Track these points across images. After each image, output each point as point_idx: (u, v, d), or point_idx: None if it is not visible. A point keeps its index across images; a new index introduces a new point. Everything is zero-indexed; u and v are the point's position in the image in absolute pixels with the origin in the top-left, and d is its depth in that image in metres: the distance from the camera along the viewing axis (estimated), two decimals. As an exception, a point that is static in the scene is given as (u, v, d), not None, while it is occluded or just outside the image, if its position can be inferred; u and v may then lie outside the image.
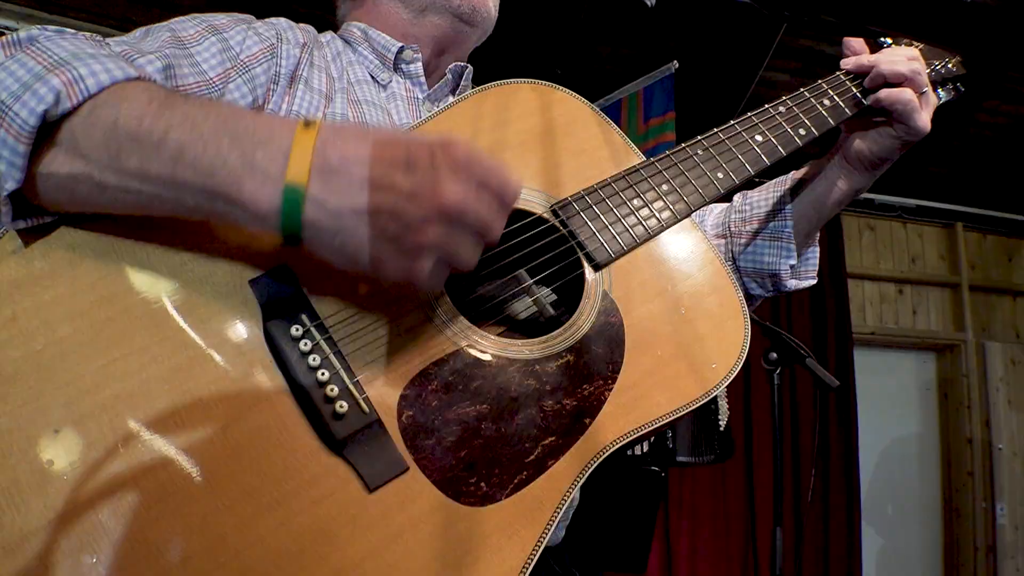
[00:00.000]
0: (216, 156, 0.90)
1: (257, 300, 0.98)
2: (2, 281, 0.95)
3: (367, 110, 1.40)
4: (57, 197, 0.96)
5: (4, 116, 0.90)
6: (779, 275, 1.59)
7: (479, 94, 1.27)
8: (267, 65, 1.32)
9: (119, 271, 0.98)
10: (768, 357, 3.00)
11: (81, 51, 0.97)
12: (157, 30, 1.25)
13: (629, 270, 1.19)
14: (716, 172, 1.29)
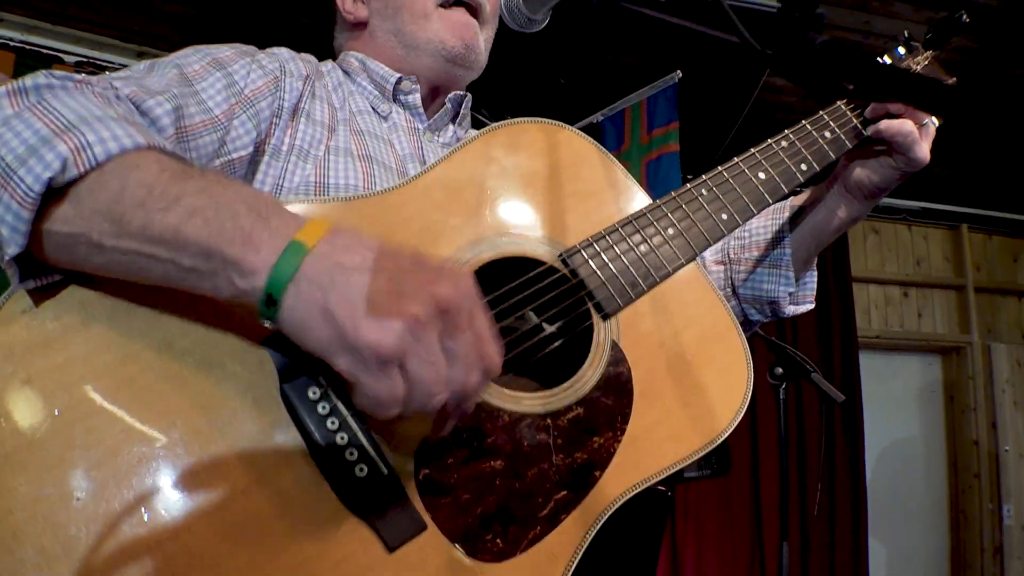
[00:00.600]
0: (229, 218, 0.88)
1: (272, 361, 0.98)
2: (15, 343, 0.94)
3: (370, 142, 1.41)
4: (58, 256, 0.95)
5: (9, 180, 0.89)
6: (778, 302, 1.61)
7: (486, 136, 1.27)
8: (271, 99, 1.33)
9: (132, 330, 0.97)
10: (774, 372, 3.01)
11: (89, 113, 0.95)
12: (163, 66, 1.25)
13: (636, 318, 1.20)
14: (720, 213, 1.31)
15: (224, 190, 0.92)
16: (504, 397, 1.07)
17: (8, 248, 0.91)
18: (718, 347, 1.23)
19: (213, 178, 0.95)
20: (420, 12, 1.52)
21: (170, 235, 0.88)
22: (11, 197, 0.89)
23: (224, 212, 0.88)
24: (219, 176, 0.97)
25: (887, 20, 6.30)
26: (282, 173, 1.31)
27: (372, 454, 0.97)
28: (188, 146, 1.19)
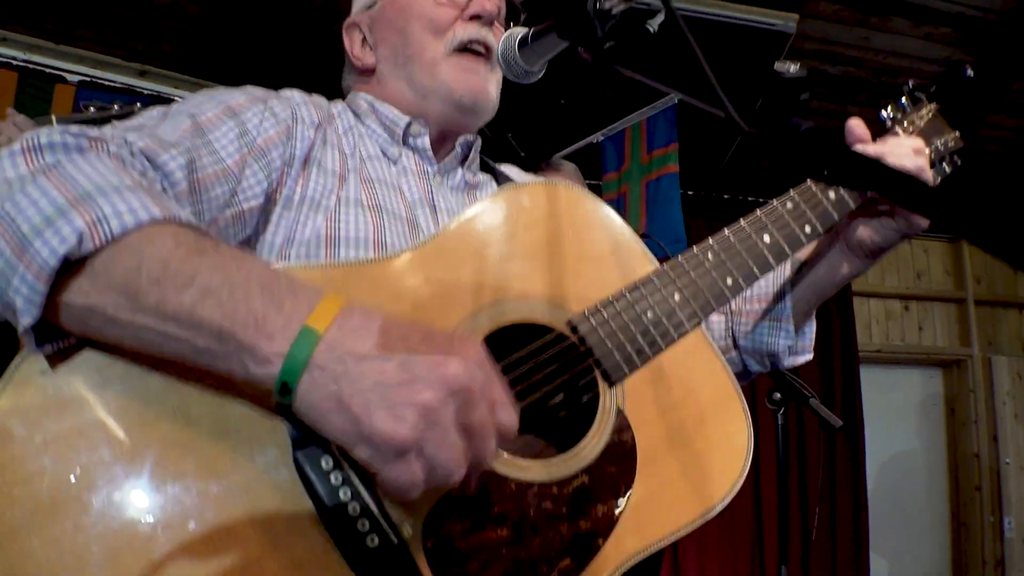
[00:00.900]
0: (242, 301, 0.89)
1: (285, 428, 0.98)
2: (31, 406, 0.95)
3: (380, 190, 1.43)
4: (72, 325, 0.95)
5: (25, 251, 0.90)
6: (777, 355, 1.62)
7: (492, 200, 1.29)
8: (283, 149, 1.34)
9: (148, 395, 0.98)
10: (772, 397, 3.03)
11: (106, 182, 0.96)
12: (177, 114, 1.26)
13: (641, 385, 1.22)
14: (726, 279, 1.32)
15: (238, 269, 0.93)
16: (511, 465, 1.09)
17: (23, 318, 0.91)
18: (721, 414, 1.25)
19: (228, 254, 0.96)
20: (429, 61, 1.54)
21: (185, 315, 0.90)
22: (27, 269, 0.89)
23: (238, 293, 0.90)
24: (234, 252, 0.98)
25: (886, 35, 6.33)
26: (294, 224, 1.32)
27: (383, 524, 0.98)
28: (200, 198, 1.20)
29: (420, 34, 1.55)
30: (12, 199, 0.93)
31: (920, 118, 1.68)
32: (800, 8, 5.80)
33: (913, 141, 1.53)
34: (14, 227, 0.91)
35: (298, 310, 0.89)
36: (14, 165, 0.98)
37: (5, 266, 0.91)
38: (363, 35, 1.65)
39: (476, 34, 1.54)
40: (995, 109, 6.99)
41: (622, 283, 1.27)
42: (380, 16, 1.62)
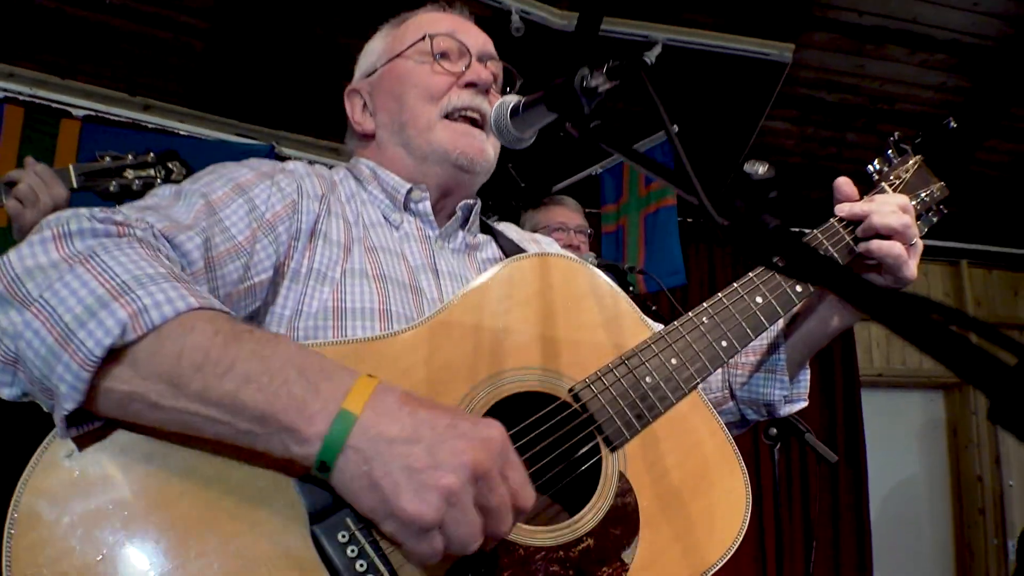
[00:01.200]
0: (282, 385, 0.96)
1: (303, 503, 1.02)
2: (59, 487, 0.98)
3: (383, 259, 1.47)
4: (107, 409, 1.00)
5: (70, 341, 0.94)
6: (773, 405, 1.66)
7: (493, 275, 1.34)
8: (289, 223, 1.40)
9: (170, 474, 1.01)
10: (768, 433, 3.06)
11: (142, 272, 1.01)
12: (189, 194, 1.31)
13: (642, 449, 1.26)
14: (721, 341, 1.36)
15: (274, 353, 0.99)
16: (519, 531, 1.13)
17: (66, 404, 0.96)
18: (718, 473, 1.29)
19: (262, 339, 1.02)
20: (425, 125, 1.60)
21: (228, 400, 0.96)
22: (71, 358, 0.94)
23: (277, 379, 0.96)
24: (267, 336, 1.04)
25: (882, 63, 6.40)
26: (301, 297, 1.37)
27: None
28: (216, 274, 1.25)
29: (416, 101, 1.61)
30: (51, 288, 0.98)
31: (906, 170, 1.72)
32: (795, 38, 5.87)
33: (898, 198, 1.57)
34: (56, 316, 0.96)
35: (335, 393, 0.96)
36: (46, 252, 1.02)
37: (48, 354, 0.95)
38: (364, 101, 1.71)
39: (470, 102, 1.61)
40: (992, 134, 7.05)
41: (618, 350, 1.32)
42: (379, 84, 1.69)
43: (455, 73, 1.62)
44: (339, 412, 0.95)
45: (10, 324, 0.98)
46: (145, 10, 5.36)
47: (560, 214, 3.89)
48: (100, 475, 1.00)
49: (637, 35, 5.62)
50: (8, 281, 1.00)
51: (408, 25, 1.73)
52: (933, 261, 7.87)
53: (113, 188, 2.56)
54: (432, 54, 1.63)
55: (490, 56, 1.71)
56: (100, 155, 2.59)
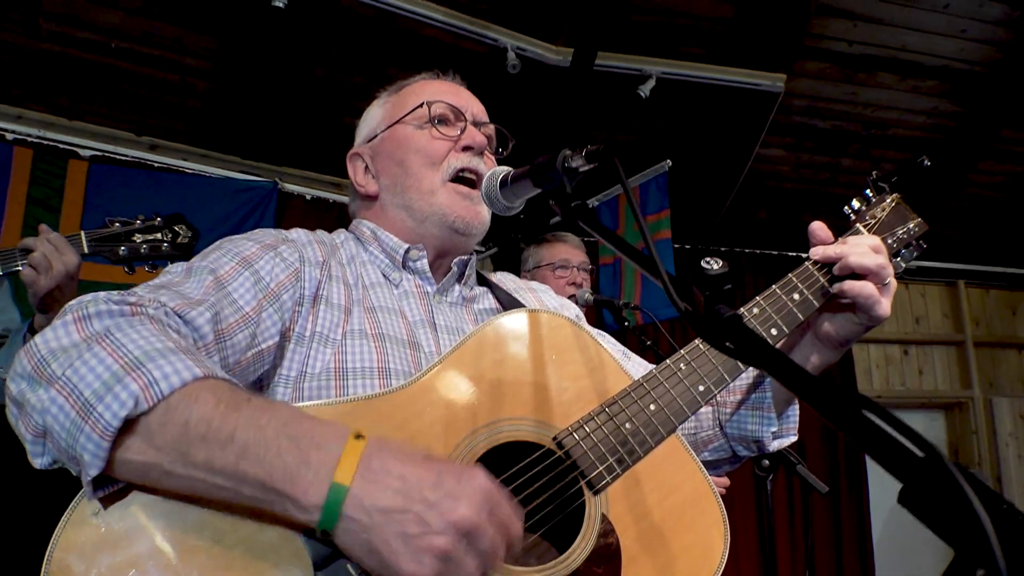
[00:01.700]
0: (276, 456, 1.05)
1: (308, 552, 1.11)
2: (86, 543, 1.09)
3: (382, 318, 1.57)
4: (128, 476, 1.11)
5: (89, 415, 1.05)
6: (762, 441, 1.71)
7: (482, 331, 1.45)
8: (292, 290, 1.50)
9: (187, 529, 1.11)
10: (761, 465, 3.13)
11: (152, 347, 1.12)
12: (199, 271, 1.42)
13: (624, 490, 1.34)
14: (698, 386, 1.45)
15: (268, 422, 1.09)
16: (509, 572, 1.21)
17: (90, 470, 1.07)
18: (697, 512, 1.37)
19: (259, 407, 1.12)
20: (427, 189, 1.71)
21: (230, 470, 1.06)
22: (92, 429, 1.05)
23: (272, 449, 1.06)
24: (264, 405, 1.14)
25: (873, 90, 6.51)
26: (305, 359, 1.47)
27: None
28: (225, 344, 1.36)
29: (418, 166, 1.73)
30: (72, 366, 1.09)
31: (882, 209, 1.77)
32: (787, 68, 5.98)
33: (871, 239, 1.63)
34: (77, 392, 1.07)
35: (325, 463, 1.05)
36: (68, 334, 1.15)
37: (71, 426, 1.06)
38: (365, 164, 1.83)
39: (468, 163, 1.73)
40: (985, 156, 7.15)
41: (601, 398, 1.41)
42: (381, 148, 1.80)
43: (452, 137, 1.74)
44: (331, 486, 1.04)
45: (39, 401, 1.10)
46: (150, 53, 5.49)
47: (563, 251, 3.98)
48: (123, 531, 1.10)
49: (631, 69, 5.73)
50: (36, 362, 1.12)
51: (406, 93, 1.85)
52: (931, 282, 7.95)
53: (122, 252, 2.69)
54: (430, 119, 1.75)
55: (483, 121, 1.83)
56: (110, 221, 2.71)
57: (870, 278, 1.57)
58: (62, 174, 5.39)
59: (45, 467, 1.16)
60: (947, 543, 0.72)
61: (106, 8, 5.23)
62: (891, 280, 1.61)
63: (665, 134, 6.34)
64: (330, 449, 1.07)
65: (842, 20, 6.01)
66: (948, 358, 7.85)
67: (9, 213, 5.17)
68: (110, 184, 5.46)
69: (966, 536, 0.68)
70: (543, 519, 1.29)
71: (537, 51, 5.60)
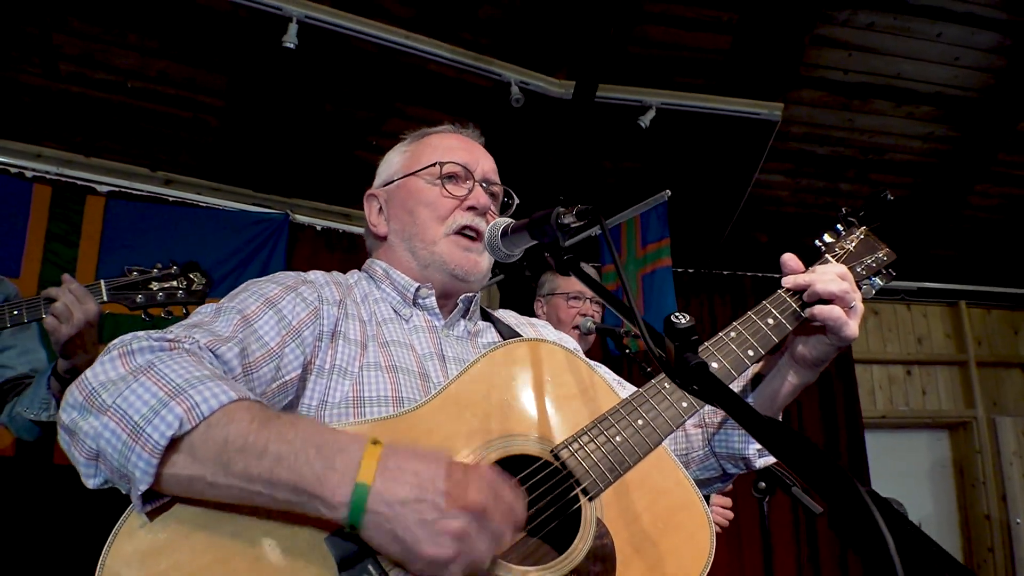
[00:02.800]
0: (305, 463, 1.20)
1: (333, 554, 1.25)
2: (135, 552, 1.23)
3: (395, 351, 1.72)
4: (175, 490, 1.25)
5: (140, 436, 1.20)
6: (748, 458, 1.84)
7: (488, 356, 1.60)
8: (313, 327, 1.65)
9: (224, 537, 1.25)
10: (757, 486, 3.24)
11: (192, 376, 1.27)
12: (227, 311, 1.57)
13: (617, 496, 1.48)
14: (681, 402, 1.58)
15: (296, 434, 1.24)
16: (512, 571, 1.34)
17: (140, 486, 1.21)
18: (684, 515, 1.51)
19: (287, 422, 1.27)
20: (430, 239, 1.88)
21: (266, 477, 1.21)
22: (142, 448, 1.20)
23: (301, 457, 1.21)
24: (291, 420, 1.30)
25: (869, 116, 6.65)
26: (326, 391, 1.62)
27: None
28: (252, 377, 1.51)
29: (425, 219, 1.90)
30: (122, 395, 1.25)
31: (850, 241, 1.90)
32: (784, 97, 6.12)
33: (837, 267, 1.76)
34: (127, 418, 1.22)
35: (348, 466, 1.21)
36: (115, 368, 1.30)
37: (123, 448, 1.21)
38: (380, 206, 2.00)
39: (471, 221, 1.89)
40: (981, 179, 7.27)
41: (593, 415, 1.55)
42: (396, 194, 1.98)
43: (460, 197, 1.90)
44: (355, 487, 1.19)
45: (91, 428, 1.25)
46: (164, 91, 5.67)
47: (578, 284, 4.07)
48: (167, 541, 1.24)
49: (632, 100, 5.88)
50: (88, 393, 1.27)
51: (424, 145, 2.02)
52: (933, 303, 8.04)
53: (140, 300, 2.84)
54: (441, 177, 1.91)
55: (492, 181, 2.00)
56: (128, 270, 2.87)
57: (836, 302, 1.69)
58: (80, 210, 5.55)
59: (97, 487, 1.31)
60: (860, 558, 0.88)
61: (122, 50, 5.42)
62: (857, 304, 1.72)
63: (666, 162, 6.48)
64: (352, 453, 1.22)
65: (837, 50, 6.17)
66: (951, 378, 7.93)
67: (29, 248, 5.33)
68: (126, 219, 5.61)
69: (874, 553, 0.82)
70: (543, 523, 1.42)
71: (540, 84, 5.76)
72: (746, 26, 5.89)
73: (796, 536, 6.64)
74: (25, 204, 5.41)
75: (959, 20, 6.02)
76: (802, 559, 6.54)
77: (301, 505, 1.22)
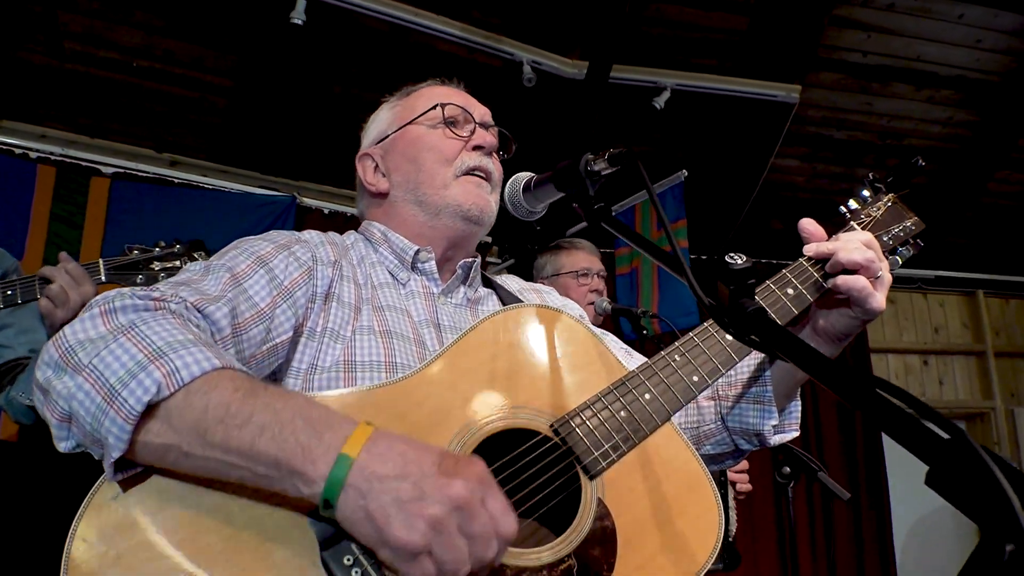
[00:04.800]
0: (292, 434, 1.10)
1: (314, 533, 1.16)
2: (106, 525, 1.14)
3: (389, 316, 1.63)
4: (148, 459, 1.16)
5: (114, 400, 1.11)
6: (763, 434, 1.74)
7: (488, 322, 1.49)
8: (306, 288, 1.56)
9: (201, 511, 1.16)
10: (782, 471, 3.14)
11: (174, 339, 1.18)
12: (217, 268, 1.48)
13: (620, 475, 1.38)
14: (692, 376, 1.48)
15: (285, 406, 1.14)
16: (508, 554, 1.24)
17: (113, 452, 1.12)
18: (692, 497, 1.40)
19: (276, 394, 1.18)
20: (440, 183, 1.79)
21: (246, 448, 1.11)
22: (116, 413, 1.11)
23: (287, 429, 1.11)
24: (279, 392, 1.20)
25: (889, 100, 6.52)
26: (317, 353, 1.53)
27: None
28: (241, 338, 1.42)
29: (432, 163, 1.80)
30: (99, 355, 1.16)
31: (877, 209, 1.80)
32: (802, 79, 6.00)
33: (862, 235, 1.66)
34: (103, 379, 1.13)
35: (335, 440, 1.10)
36: (95, 326, 1.22)
37: (97, 411, 1.13)
38: (375, 164, 1.89)
39: (479, 162, 1.81)
40: (1002, 165, 7.14)
41: (598, 387, 1.45)
42: (392, 147, 1.87)
43: (464, 137, 1.82)
44: (338, 457, 1.08)
45: (64, 388, 1.16)
46: (171, 71, 5.60)
47: (584, 259, 4.04)
48: (140, 514, 1.16)
49: (646, 81, 5.77)
50: (64, 351, 1.19)
51: (415, 96, 1.93)
52: (950, 292, 7.92)
53: (140, 280, 2.73)
54: (443, 121, 1.83)
55: (490, 124, 1.91)
56: (128, 248, 2.76)
57: (862, 272, 1.59)
58: (84, 191, 5.50)
59: (68, 450, 1.22)
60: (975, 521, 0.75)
61: (128, 28, 5.35)
62: (884, 274, 1.63)
63: (680, 145, 6.37)
64: (342, 429, 1.12)
65: (856, 31, 6.04)
66: (968, 368, 7.82)
67: (33, 230, 5.28)
68: (131, 200, 5.56)
69: (993, 513, 0.70)
70: (539, 503, 1.33)
71: (552, 64, 5.66)
72: (764, 6, 5.76)
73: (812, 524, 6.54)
74: (29, 185, 5.37)
75: (981, 1, 5.87)
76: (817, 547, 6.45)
77: (279, 481, 1.12)
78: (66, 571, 1.11)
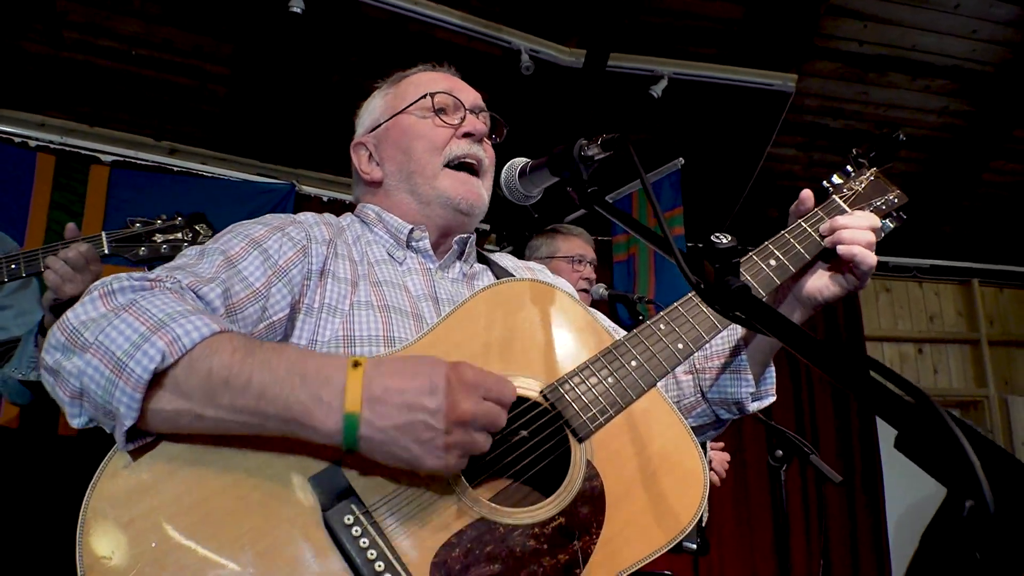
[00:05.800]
0: (290, 394, 1.19)
1: (316, 494, 1.23)
2: (119, 491, 1.20)
3: (387, 291, 1.67)
4: (161, 426, 1.23)
5: (123, 371, 1.17)
6: (741, 402, 1.80)
7: (487, 292, 1.54)
8: (301, 266, 1.60)
9: (208, 476, 1.23)
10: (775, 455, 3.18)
11: (173, 310, 1.25)
12: (211, 252, 1.54)
13: (608, 438, 1.43)
14: (677, 343, 1.53)
15: (280, 362, 1.23)
16: (500, 513, 1.30)
17: (125, 421, 1.19)
18: (677, 458, 1.46)
19: (270, 350, 1.26)
20: (431, 174, 1.82)
21: (252, 408, 1.20)
22: (126, 383, 1.18)
23: (286, 387, 1.20)
24: (274, 347, 1.28)
25: (884, 90, 6.55)
26: (315, 328, 1.58)
27: (396, 567, 1.21)
28: (236, 318, 1.47)
29: (422, 153, 1.84)
30: (103, 331, 1.22)
31: (860, 182, 1.85)
32: (798, 68, 6.03)
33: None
34: (110, 353, 1.20)
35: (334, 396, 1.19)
36: (96, 308, 1.28)
37: (107, 383, 1.19)
38: (369, 152, 1.93)
39: (468, 150, 1.85)
40: (997, 155, 7.17)
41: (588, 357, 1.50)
42: (385, 136, 1.91)
43: (453, 125, 1.85)
44: (344, 417, 1.18)
45: (74, 366, 1.22)
46: (170, 59, 5.61)
47: (579, 246, 4.08)
48: (152, 480, 1.22)
49: (643, 70, 5.80)
50: (69, 333, 1.25)
51: (406, 84, 1.95)
52: (945, 281, 7.96)
53: (142, 253, 2.74)
54: (432, 109, 1.86)
55: (481, 109, 1.94)
56: (131, 221, 2.77)
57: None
58: (84, 179, 5.51)
59: (82, 426, 1.28)
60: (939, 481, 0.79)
61: (127, 17, 5.36)
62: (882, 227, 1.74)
63: (677, 134, 6.40)
64: (335, 382, 1.20)
65: (852, 20, 6.06)
66: (963, 357, 7.86)
67: (33, 218, 5.30)
68: (131, 188, 5.57)
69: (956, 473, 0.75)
70: (530, 464, 1.38)
71: (550, 53, 5.69)
72: (760, -5, 5.78)
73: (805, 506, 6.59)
74: (29, 174, 5.39)
75: (977, -9, 5.90)
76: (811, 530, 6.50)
77: (294, 432, 1.21)
78: (81, 535, 1.17)
